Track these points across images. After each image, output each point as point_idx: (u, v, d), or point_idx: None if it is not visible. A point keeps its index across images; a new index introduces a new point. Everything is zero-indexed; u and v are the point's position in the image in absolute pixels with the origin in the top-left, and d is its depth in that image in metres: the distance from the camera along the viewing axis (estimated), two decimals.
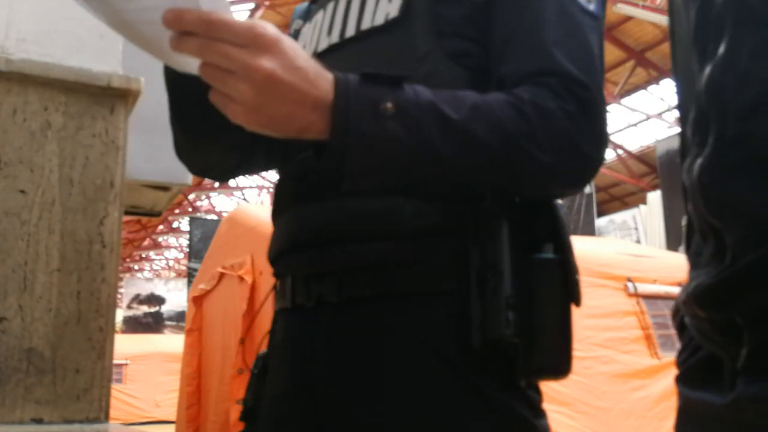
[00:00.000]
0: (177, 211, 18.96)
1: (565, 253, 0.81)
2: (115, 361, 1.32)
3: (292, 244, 0.89)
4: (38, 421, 1.17)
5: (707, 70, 0.49)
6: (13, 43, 1.27)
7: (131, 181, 1.83)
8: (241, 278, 3.40)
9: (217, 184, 17.51)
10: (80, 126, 1.28)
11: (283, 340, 0.94)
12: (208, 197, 19.19)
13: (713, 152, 0.48)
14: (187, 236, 15.28)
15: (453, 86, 0.81)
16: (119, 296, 7.81)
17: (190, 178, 1.98)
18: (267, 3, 10.86)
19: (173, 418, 5.41)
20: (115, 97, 1.31)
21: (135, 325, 16.90)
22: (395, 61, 0.85)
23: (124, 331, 15.74)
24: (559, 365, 0.79)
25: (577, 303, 0.81)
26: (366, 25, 0.89)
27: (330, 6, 0.96)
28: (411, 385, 0.79)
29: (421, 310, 0.81)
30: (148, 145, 1.86)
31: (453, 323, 0.79)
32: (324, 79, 0.70)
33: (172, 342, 11.12)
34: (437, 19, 0.85)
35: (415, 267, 0.81)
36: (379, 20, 0.88)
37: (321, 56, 0.92)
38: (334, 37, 0.93)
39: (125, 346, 10.71)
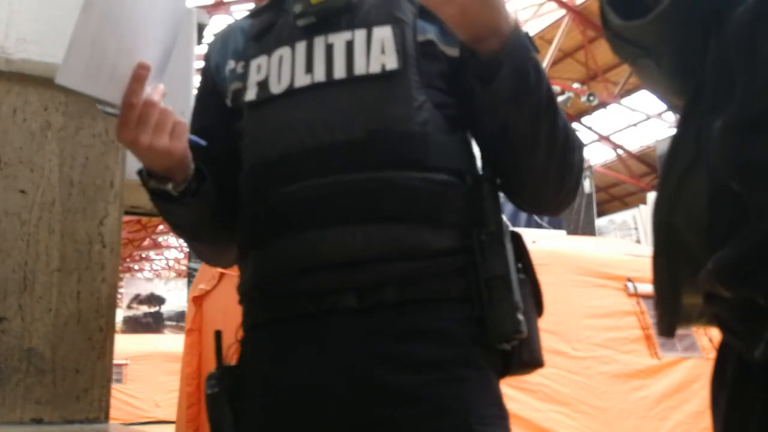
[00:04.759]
0: None
1: (531, 273, 1.01)
2: (115, 361, 1.32)
3: (313, 265, 0.95)
4: (38, 421, 1.17)
5: (737, 15, 0.46)
6: (13, 43, 1.27)
7: (131, 181, 1.83)
8: None
9: None
10: (80, 126, 1.28)
11: (281, 347, 0.98)
12: None
13: (740, 107, 0.44)
14: None
15: (441, 132, 0.98)
16: (119, 296, 7.81)
17: None
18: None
19: (173, 418, 5.41)
20: None
21: (135, 325, 16.88)
22: (397, 107, 0.97)
23: (124, 331, 15.71)
24: (540, 360, 1.00)
25: (541, 313, 1.02)
26: (360, 71, 0.98)
27: (300, 46, 1.02)
28: (438, 373, 0.92)
29: (441, 312, 0.95)
30: None
31: (468, 324, 0.94)
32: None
33: (172, 342, 11.10)
34: (423, 74, 0.99)
35: (434, 279, 0.95)
36: (375, 68, 0.98)
37: (302, 91, 1.00)
38: (319, 76, 1.00)
39: (125, 346, 10.69)
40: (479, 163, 1.04)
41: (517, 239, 1.01)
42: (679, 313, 0.58)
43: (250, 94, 1.05)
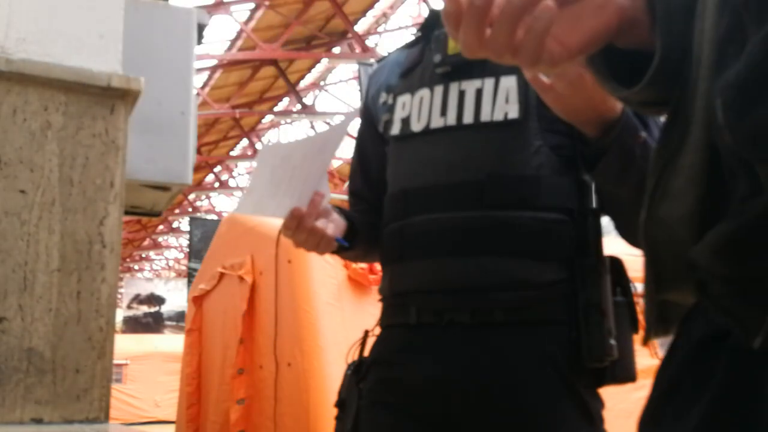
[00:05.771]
0: (177, 211, 18.96)
1: (629, 296, 1.12)
2: (115, 361, 1.32)
3: (439, 287, 1.12)
4: (38, 421, 1.17)
5: None
6: (13, 43, 1.28)
7: (131, 181, 1.83)
8: (241, 278, 3.39)
9: (217, 184, 17.50)
10: (80, 126, 1.29)
11: (407, 348, 1.16)
12: (208, 197, 19.17)
13: (751, 60, 0.38)
14: (187, 236, 15.26)
15: (554, 173, 1.10)
16: (119, 296, 7.81)
17: (190, 178, 1.98)
18: (267, 3, 10.85)
19: (173, 418, 5.41)
20: (115, 97, 1.32)
21: (135, 325, 16.87)
22: (514, 153, 1.10)
23: (124, 331, 15.70)
24: (633, 375, 1.12)
25: (636, 331, 1.11)
26: (485, 117, 1.12)
27: (438, 90, 1.17)
28: (533, 385, 1.06)
29: (542, 334, 1.08)
30: (148, 145, 1.86)
31: (565, 346, 1.07)
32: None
33: (172, 342, 11.09)
34: (542, 119, 1.09)
35: (537, 307, 1.09)
36: (499, 116, 1.11)
37: (436, 132, 1.16)
38: (450, 120, 1.15)
39: (125, 346, 10.69)
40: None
41: (616, 264, 1.12)
42: (658, 315, 0.56)
43: (395, 129, 1.23)
